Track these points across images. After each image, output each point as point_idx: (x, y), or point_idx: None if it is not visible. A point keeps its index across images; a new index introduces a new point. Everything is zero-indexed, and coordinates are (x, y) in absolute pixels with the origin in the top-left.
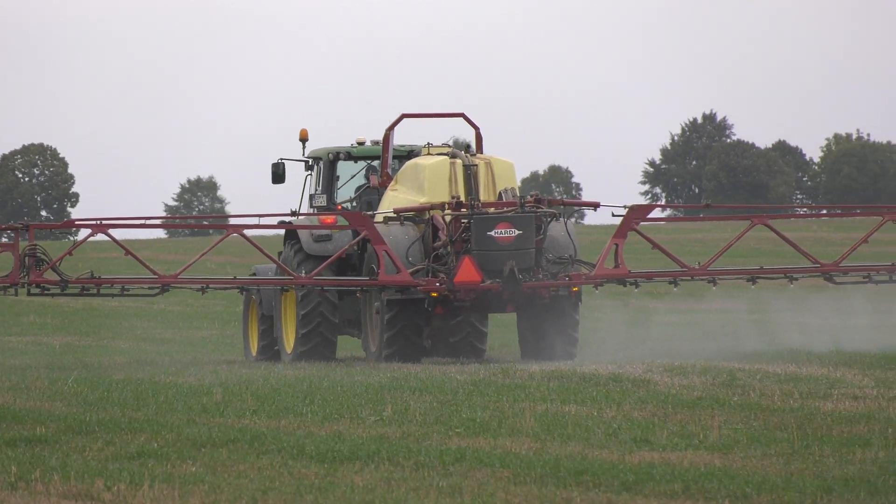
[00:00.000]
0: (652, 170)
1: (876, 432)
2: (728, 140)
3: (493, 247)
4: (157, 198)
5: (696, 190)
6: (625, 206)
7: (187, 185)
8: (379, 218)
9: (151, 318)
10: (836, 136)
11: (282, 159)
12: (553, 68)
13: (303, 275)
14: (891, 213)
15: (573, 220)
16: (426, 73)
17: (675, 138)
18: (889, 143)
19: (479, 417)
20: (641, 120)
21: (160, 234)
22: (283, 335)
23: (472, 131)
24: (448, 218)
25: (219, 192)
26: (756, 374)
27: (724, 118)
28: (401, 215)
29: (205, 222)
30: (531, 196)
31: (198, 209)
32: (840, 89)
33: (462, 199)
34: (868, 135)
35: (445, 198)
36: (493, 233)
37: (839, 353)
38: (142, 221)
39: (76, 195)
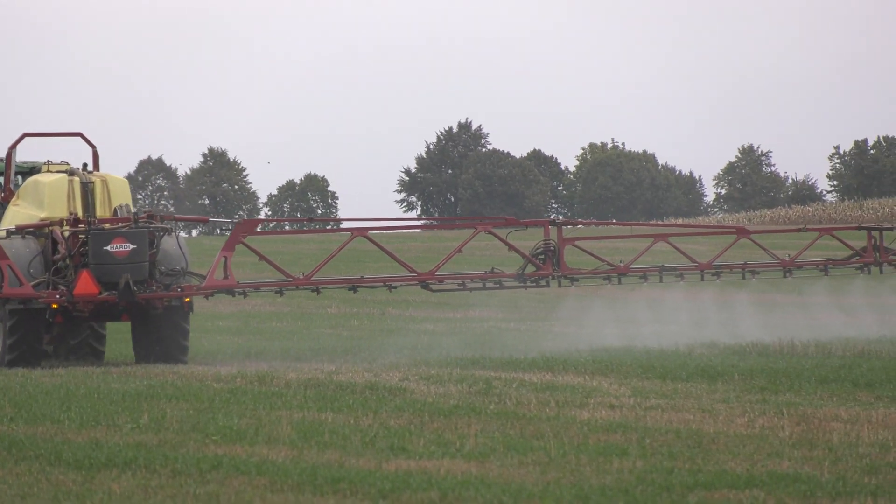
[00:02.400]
0: (408, 178)
1: (633, 441)
2: (484, 149)
3: (110, 260)
4: None
5: (452, 199)
6: (233, 221)
7: None
8: (1, 233)
9: None
10: (592, 146)
11: None
12: (308, 76)
13: None
14: (483, 225)
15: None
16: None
17: (431, 147)
18: (644, 152)
19: (236, 425)
20: (397, 128)
21: None
22: None
23: (90, 150)
24: (66, 233)
25: None
26: (512, 382)
27: (480, 127)
28: (23, 231)
29: None
30: (145, 212)
31: None
32: (595, 98)
33: (79, 214)
34: (623, 144)
35: (64, 213)
36: (109, 247)
37: (595, 361)
38: None
39: None
